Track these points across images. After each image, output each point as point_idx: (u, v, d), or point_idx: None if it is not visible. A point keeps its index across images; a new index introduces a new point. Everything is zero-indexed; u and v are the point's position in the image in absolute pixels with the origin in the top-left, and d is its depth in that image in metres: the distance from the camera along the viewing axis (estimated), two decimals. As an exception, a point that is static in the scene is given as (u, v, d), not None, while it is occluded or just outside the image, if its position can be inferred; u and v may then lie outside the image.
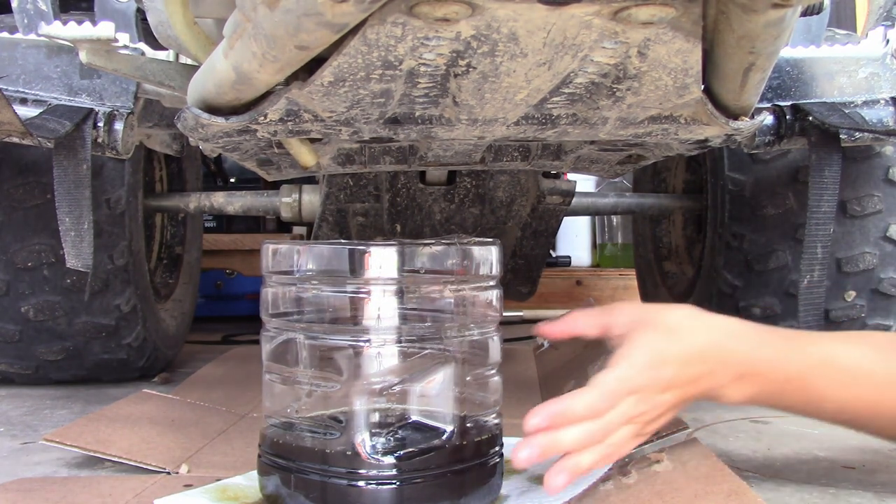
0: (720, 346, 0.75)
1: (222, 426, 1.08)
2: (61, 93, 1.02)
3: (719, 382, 0.75)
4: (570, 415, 0.69)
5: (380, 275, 0.68)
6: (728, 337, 0.76)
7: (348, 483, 0.68)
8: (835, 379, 0.76)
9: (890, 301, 1.46)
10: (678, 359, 0.73)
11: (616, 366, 0.72)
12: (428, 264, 0.70)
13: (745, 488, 0.69)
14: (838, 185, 0.99)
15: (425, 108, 0.70)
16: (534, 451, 0.68)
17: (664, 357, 0.73)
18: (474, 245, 0.73)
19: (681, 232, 1.85)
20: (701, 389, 0.75)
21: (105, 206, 1.37)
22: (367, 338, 0.69)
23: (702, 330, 0.76)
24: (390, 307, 0.69)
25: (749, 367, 0.75)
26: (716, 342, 0.75)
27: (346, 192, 1.31)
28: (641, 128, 0.76)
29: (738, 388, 0.76)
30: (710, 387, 0.75)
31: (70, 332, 1.41)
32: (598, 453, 0.70)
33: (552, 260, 3.00)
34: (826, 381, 0.76)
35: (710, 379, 0.75)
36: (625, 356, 0.73)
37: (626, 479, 0.76)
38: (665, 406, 0.73)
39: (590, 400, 0.70)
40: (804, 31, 1.03)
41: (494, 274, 0.75)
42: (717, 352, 0.75)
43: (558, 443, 0.69)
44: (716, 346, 0.75)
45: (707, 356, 0.74)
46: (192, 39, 0.75)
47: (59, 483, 0.83)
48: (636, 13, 0.52)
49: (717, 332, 0.76)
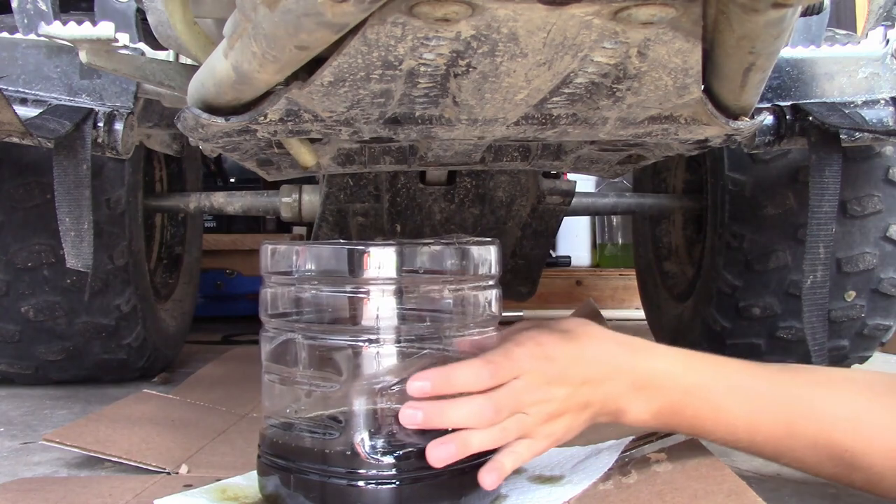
0: (612, 353, 0.75)
1: (222, 426, 1.08)
2: (61, 93, 1.02)
3: (616, 391, 0.74)
4: (453, 380, 0.68)
5: (378, 275, 0.68)
6: (620, 346, 0.76)
7: (348, 483, 0.68)
8: (738, 396, 0.75)
9: (890, 301, 1.46)
10: (566, 355, 0.73)
11: (503, 344, 0.73)
12: (427, 264, 0.70)
13: (745, 488, 0.69)
14: (839, 185, 0.99)
15: (425, 108, 0.70)
16: (418, 414, 0.67)
17: (552, 352, 0.73)
18: (473, 245, 0.73)
19: (681, 232, 1.85)
20: (599, 398, 0.74)
21: (105, 206, 1.37)
22: (367, 338, 0.69)
23: (595, 336, 0.76)
24: (389, 307, 0.69)
25: (645, 377, 0.75)
26: (608, 350, 0.75)
27: (346, 192, 1.31)
28: (641, 128, 0.76)
29: (639, 403, 0.75)
30: (609, 396, 0.74)
31: (70, 332, 1.41)
32: (489, 435, 0.69)
33: (552, 260, 3.00)
34: (730, 399, 0.75)
35: (607, 386, 0.74)
36: (513, 340, 0.74)
37: (625, 478, 0.76)
38: (560, 403, 0.72)
39: (473, 368, 0.69)
40: (804, 31, 1.03)
41: (494, 273, 0.76)
42: (609, 357, 0.75)
43: (445, 412, 0.68)
44: (608, 353, 0.75)
45: (600, 360, 0.74)
46: (192, 39, 0.75)
47: (59, 483, 0.83)
48: (636, 13, 0.52)
49: (610, 342, 0.76)
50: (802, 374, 0.78)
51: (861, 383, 0.77)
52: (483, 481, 0.69)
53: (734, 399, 0.75)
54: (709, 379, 0.75)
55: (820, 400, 0.74)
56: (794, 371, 0.79)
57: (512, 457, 0.71)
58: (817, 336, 1.00)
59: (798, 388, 0.75)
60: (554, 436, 0.74)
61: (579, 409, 0.74)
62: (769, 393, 0.75)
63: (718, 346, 1.54)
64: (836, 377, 0.78)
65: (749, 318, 1.47)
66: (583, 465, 0.81)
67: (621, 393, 0.75)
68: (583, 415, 0.75)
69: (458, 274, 0.72)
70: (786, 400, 0.74)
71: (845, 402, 0.74)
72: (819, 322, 1.00)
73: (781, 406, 0.74)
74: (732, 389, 0.75)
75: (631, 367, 0.75)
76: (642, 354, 0.76)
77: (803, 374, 0.78)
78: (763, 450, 0.76)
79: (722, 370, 0.77)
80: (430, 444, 0.67)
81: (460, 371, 0.69)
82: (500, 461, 0.70)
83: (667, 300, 1.80)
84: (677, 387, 0.75)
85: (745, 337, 1.50)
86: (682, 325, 1.66)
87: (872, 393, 0.75)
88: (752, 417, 0.74)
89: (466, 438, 0.68)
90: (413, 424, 0.67)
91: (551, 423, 0.73)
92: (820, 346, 1.01)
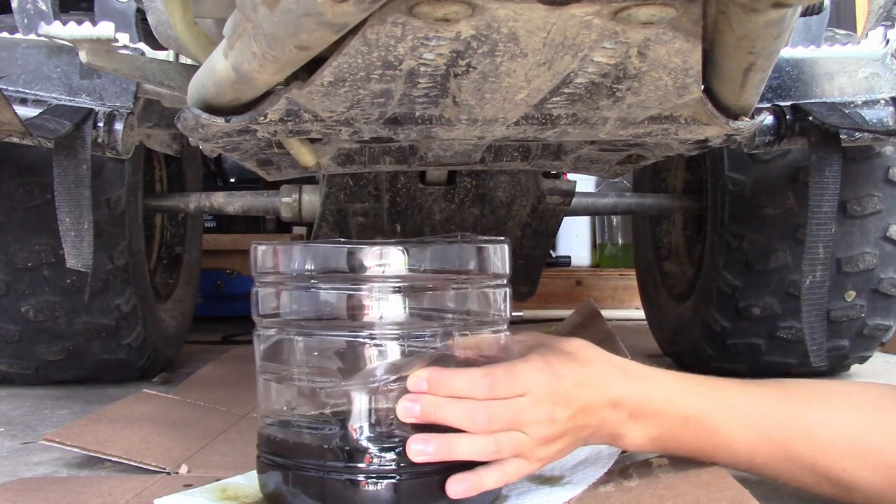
0: (613, 379, 0.74)
1: (222, 426, 1.08)
2: (61, 93, 1.01)
3: (614, 418, 0.74)
4: (448, 384, 0.68)
5: (381, 272, 0.68)
6: (620, 372, 0.76)
7: (347, 479, 0.68)
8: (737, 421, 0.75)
9: (890, 301, 1.46)
10: (573, 376, 0.72)
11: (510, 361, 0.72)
12: (431, 262, 0.69)
13: (748, 497, 0.69)
14: (839, 185, 0.98)
15: (425, 108, 0.70)
16: (415, 407, 0.67)
17: (560, 372, 0.72)
18: (482, 243, 0.73)
19: (681, 232, 1.85)
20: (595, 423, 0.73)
21: (105, 206, 1.37)
22: (367, 334, 0.69)
23: (598, 360, 0.76)
24: (391, 305, 0.69)
25: (644, 405, 0.75)
26: (609, 375, 0.75)
27: (346, 192, 1.31)
28: (641, 128, 0.76)
29: (637, 429, 0.75)
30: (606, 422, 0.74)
31: (70, 332, 1.41)
32: (479, 443, 0.68)
33: (552, 260, 3.00)
34: (728, 424, 0.75)
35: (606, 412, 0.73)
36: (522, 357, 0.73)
37: (627, 481, 0.75)
38: (561, 425, 0.71)
39: (472, 376, 0.69)
40: (804, 31, 1.03)
41: (502, 272, 0.74)
42: (609, 383, 0.74)
43: (441, 407, 0.67)
44: (609, 379, 0.74)
45: (600, 385, 0.73)
46: (192, 39, 0.75)
47: (59, 483, 0.83)
48: (636, 13, 0.52)
49: (610, 367, 0.75)
50: (799, 392, 0.78)
51: (856, 398, 0.78)
52: (448, 488, 0.68)
53: (733, 424, 0.75)
54: (707, 405, 0.75)
55: (817, 422, 0.74)
56: (790, 388, 0.79)
57: (497, 473, 0.70)
58: (816, 336, 1.00)
59: (795, 409, 0.75)
60: (546, 459, 0.73)
61: (576, 433, 0.73)
62: (767, 416, 0.75)
63: (718, 346, 1.54)
64: (832, 393, 0.79)
65: (749, 318, 1.47)
66: (583, 466, 0.81)
67: (619, 421, 0.74)
68: (578, 438, 0.74)
69: (465, 273, 0.71)
70: (783, 422, 0.75)
71: (841, 422, 0.74)
72: (818, 322, 1.00)
73: (779, 429, 0.74)
74: (731, 414, 0.75)
75: (630, 394, 0.74)
76: (641, 381, 0.76)
77: (800, 391, 0.79)
78: (763, 471, 0.77)
79: (720, 394, 0.76)
80: (412, 437, 0.67)
81: (458, 376, 0.69)
82: (480, 475, 0.69)
83: (667, 300, 1.80)
84: (676, 415, 0.75)
85: (745, 337, 1.50)
86: (682, 325, 1.66)
87: (868, 409, 0.76)
88: (750, 441, 0.75)
89: (452, 441, 0.67)
90: (410, 416, 0.67)
91: (547, 446, 0.71)
92: (819, 347, 1.01)
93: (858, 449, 0.73)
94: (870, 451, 0.72)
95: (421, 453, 0.67)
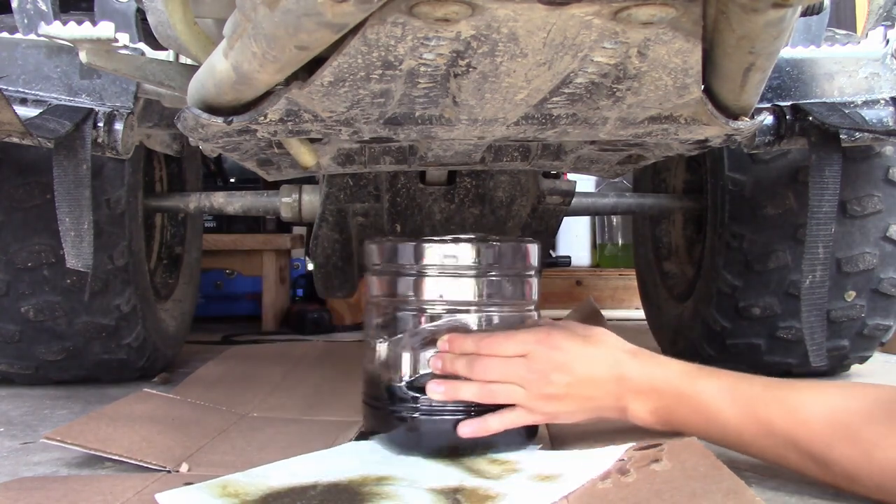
0: (620, 359, 0.87)
1: (222, 425, 1.08)
2: (61, 93, 1.02)
3: (619, 391, 0.86)
4: (461, 344, 0.87)
5: (457, 263, 0.89)
6: (628, 354, 0.88)
7: (414, 416, 0.89)
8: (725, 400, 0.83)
9: (890, 301, 1.46)
10: (576, 351, 0.86)
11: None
12: (492, 257, 0.90)
13: (744, 487, 0.69)
14: (839, 185, 0.99)
15: (425, 108, 0.70)
16: (438, 361, 0.87)
17: (559, 344, 0.87)
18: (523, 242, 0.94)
19: (681, 232, 1.85)
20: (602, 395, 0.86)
21: (105, 206, 1.37)
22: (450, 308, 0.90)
23: (610, 343, 0.89)
24: (464, 288, 0.90)
25: (645, 382, 0.86)
26: (617, 356, 0.87)
27: (346, 192, 1.31)
28: (641, 128, 0.76)
29: (639, 403, 0.86)
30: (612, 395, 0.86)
31: (70, 332, 1.41)
32: (475, 389, 0.86)
33: (552, 260, 3.00)
34: (718, 402, 0.83)
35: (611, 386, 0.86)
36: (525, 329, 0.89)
37: (624, 477, 0.76)
38: (560, 388, 0.85)
39: (480, 338, 0.87)
40: (804, 31, 1.03)
41: (536, 265, 0.95)
42: (616, 362, 0.87)
43: (453, 363, 0.87)
44: (617, 359, 0.87)
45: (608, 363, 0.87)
46: (192, 39, 0.75)
47: (59, 482, 0.83)
48: (636, 13, 0.52)
49: (620, 350, 0.88)
50: (789, 381, 0.84)
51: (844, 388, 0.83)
52: (459, 429, 0.86)
53: (722, 403, 0.83)
54: (701, 386, 0.84)
55: (800, 401, 0.80)
56: (782, 379, 0.85)
57: (499, 419, 0.87)
58: (816, 336, 1.01)
59: (781, 392, 0.81)
60: (553, 414, 0.88)
61: (583, 399, 0.87)
62: (755, 397, 0.82)
63: (718, 346, 1.54)
64: (822, 384, 0.84)
65: (749, 318, 1.47)
66: (581, 465, 0.81)
67: (623, 394, 0.86)
68: (587, 405, 0.87)
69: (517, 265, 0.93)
70: (770, 402, 0.81)
71: (823, 402, 0.79)
72: (818, 322, 1.01)
73: (764, 406, 0.81)
74: (722, 394, 0.83)
75: (633, 372, 0.86)
76: (646, 363, 0.87)
77: (790, 380, 0.85)
78: (750, 449, 0.83)
79: (714, 378, 0.85)
80: (430, 381, 0.87)
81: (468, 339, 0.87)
82: (486, 419, 0.87)
83: (667, 300, 1.80)
84: (673, 392, 0.85)
85: (745, 337, 1.50)
86: (682, 325, 1.66)
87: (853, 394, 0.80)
88: (738, 419, 0.82)
89: (458, 386, 0.87)
90: (436, 369, 0.88)
91: (550, 402, 0.86)
92: (818, 347, 1.01)
93: (839, 424, 0.76)
94: (849, 427, 0.75)
95: (435, 392, 0.87)
